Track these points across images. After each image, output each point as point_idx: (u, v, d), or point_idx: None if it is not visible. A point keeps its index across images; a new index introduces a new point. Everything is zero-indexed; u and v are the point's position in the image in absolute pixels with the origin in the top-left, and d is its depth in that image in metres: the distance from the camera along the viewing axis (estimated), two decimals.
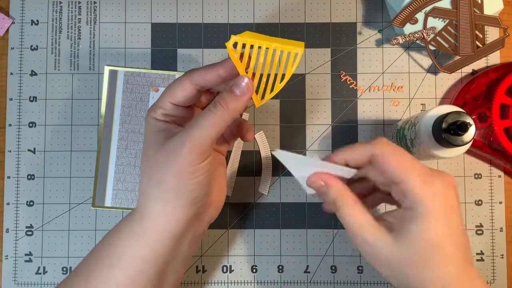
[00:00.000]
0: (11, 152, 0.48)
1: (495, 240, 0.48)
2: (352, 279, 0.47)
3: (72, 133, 0.48)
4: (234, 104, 0.34)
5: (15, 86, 0.48)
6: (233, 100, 0.34)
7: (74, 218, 0.48)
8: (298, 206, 0.48)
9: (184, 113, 0.37)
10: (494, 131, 0.44)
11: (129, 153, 0.48)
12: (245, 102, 0.35)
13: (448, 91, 0.49)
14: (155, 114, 0.36)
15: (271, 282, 0.48)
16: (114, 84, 0.48)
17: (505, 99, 0.45)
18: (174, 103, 0.36)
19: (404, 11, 0.45)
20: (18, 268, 0.48)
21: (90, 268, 0.35)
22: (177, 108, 0.36)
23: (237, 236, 0.48)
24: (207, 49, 0.49)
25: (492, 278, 0.47)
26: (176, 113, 0.36)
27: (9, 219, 0.48)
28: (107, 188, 0.48)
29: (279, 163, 0.36)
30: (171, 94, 0.36)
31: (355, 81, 0.49)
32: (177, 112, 0.36)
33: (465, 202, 0.48)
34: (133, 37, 0.49)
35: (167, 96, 0.36)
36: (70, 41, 0.49)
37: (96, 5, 0.49)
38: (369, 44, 0.49)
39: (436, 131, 0.38)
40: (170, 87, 0.36)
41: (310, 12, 0.49)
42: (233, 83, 0.34)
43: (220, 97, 0.34)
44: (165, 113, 0.36)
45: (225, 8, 0.49)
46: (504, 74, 0.45)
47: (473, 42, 0.46)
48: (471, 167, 0.48)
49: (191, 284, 0.48)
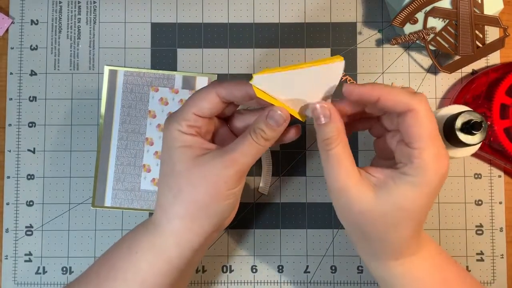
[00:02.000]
0: (11, 152, 0.48)
1: (495, 240, 0.48)
2: (352, 279, 0.47)
3: (72, 133, 0.48)
4: (272, 135, 0.34)
5: (15, 86, 0.48)
6: (271, 131, 0.34)
7: (74, 218, 0.48)
8: (298, 206, 0.48)
9: (206, 124, 0.36)
10: (494, 131, 0.44)
11: (129, 153, 0.48)
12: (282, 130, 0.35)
13: (448, 91, 0.49)
14: (180, 126, 0.35)
15: (271, 282, 0.48)
16: (114, 84, 0.48)
17: (505, 99, 0.45)
18: (199, 115, 0.35)
19: (404, 11, 0.45)
20: (18, 268, 0.48)
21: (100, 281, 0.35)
22: (200, 120, 0.35)
23: (237, 236, 0.48)
24: (207, 49, 0.49)
25: (492, 278, 0.47)
26: (199, 124, 0.35)
27: (9, 219, 0.48)
28: (107, 188, 0.48)
29: (279, 163, 0.36)
30: (197, 106, 0.35)
31: (355, 81, 0.49)
32: (200, 123, 0.35)
33: (465, 202, 0.48)
34: (133, 37, 0.49)
35: (191, 107, 0.35)
36: (70, 41, 0.49)
37: (96, 5, 0.49)
38: (369, 44, 0.49)
39: (447, 131, 0.38)
40: (195, 98, 0.35)
41: (310, 12, 0.49)
42: (268, 114, 0.34)
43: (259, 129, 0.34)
44: (189, 124, 0.35)
45: (225, 8, 0.49)
46: (504, 74, 0.45)
47: (473, 42, 0.46)
48: (471, 167, 0.48)
49: (191, 284, 0.48)
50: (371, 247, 0.35)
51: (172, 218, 0.35)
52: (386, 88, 0.32)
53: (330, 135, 0.33)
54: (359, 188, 0.32)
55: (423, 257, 0.36)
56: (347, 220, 0.35)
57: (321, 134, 0.33)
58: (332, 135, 0.33)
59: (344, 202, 0.33)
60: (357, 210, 0.33)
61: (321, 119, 0.33)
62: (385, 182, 0.33)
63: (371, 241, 0.35)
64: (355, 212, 0.33)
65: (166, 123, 0.36)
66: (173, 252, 0.35)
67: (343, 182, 0.32)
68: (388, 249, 0.35)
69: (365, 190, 0.32)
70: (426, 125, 0.32)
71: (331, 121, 0.33)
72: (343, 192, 0.33)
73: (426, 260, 0.36)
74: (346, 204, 0.33)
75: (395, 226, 0.33)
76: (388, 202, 0.32)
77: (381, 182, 0.33)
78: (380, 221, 0.33)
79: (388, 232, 0.33)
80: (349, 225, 0.35)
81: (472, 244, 0.48)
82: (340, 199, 0.33)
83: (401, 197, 0.32)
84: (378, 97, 0.32)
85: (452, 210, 0.48)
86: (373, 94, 0.32)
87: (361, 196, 0.32)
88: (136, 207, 0.48)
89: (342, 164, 0.33)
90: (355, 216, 0.33)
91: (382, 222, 0.33)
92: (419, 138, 0.31)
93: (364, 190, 0.32)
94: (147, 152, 0.48)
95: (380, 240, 0.34)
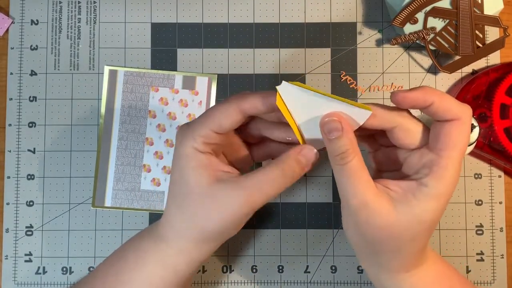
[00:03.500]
0: (11, 152, 0.48)
1: (495, 240, 0.48)
2: (352, 279, 0.47)
3: (72, 133, 0.48)
4: (300, 173, 0.33)
5: (15, 86, 0.48)
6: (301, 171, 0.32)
7: (74, 218, 0.48)
8: (298, 206, 0.48)
9: (223, 139, 0.34)
10: (494, 131, 0.44)
11: (129, 153, 0.48)
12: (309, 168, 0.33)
13: (448, 91, 0.49)
14: (195, 143, 0.32)
15: (271, 282, 0.48)
16: (114, 84, 0.48)
17: (505, 99, 0.45)
18: (218, 132, 0.33)
19: (404, 11, 0.45)
20: (18, 268, 0.48)
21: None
22: (218, 137, 0.33)
23: (237, 236, 0.48)
24: (207, 49, 0.49)
25: (492, 278, 0.47)
26: (217, 141, 0.33)
27: (9, 219, 0.48)
28: (107, 188, 0.48)
29: None
30: (216, 122, 0.32)
31: (355, 81, 0.49)
32: (217, 141, 0.33)
33: (465, 202, 0.48)
34: (133, 37, 0.49)
35: (210, 123, 0.32)
36: (70, 41, 0.49)
37: (96, 5, 0.49)
38: (369, 44, 0.49)
39: None
40: (213, 114, 0.33)
41: (310, 12, 0.49)
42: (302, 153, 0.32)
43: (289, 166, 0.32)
44: (206, 142, 0.33)
45: (225, 8, 0.49)
46: (504, 74, 0.45)
47: (473, 42, 0.46)
48: (471, 167, 0.48)
49: (191, 284, 0.48)
50: (382, 260, 0.34)
51: (184, 239, 0.34)
52: (439, 93, 0.31)
53: (344, 149, 0.31)
54: (379, 204, 0.31)
55: (429, 266, 0.35)
56: (364, 237, 0.33)
57: (333, 148, 0.31)
58: (347, 149, 0.31)
59: (363, 218, 0.31)
60: (377, 226, 0.31)
61: (332, 133, 0.31)
62: (404, 195, 0.31)
63: (383, 254, 0.33)
64: (374, 228, 0.31)
65: (179, 137, 0.34)
66: (183, 269, 0.35)
67: (362, 197, 0.31)
68: (401, 261, 0.34)
69: (385, 205, 0.31)
70: (465, 137, 0.31)
71: (343, 134, 0.31)
72: (363, 208, 0.31)
73: (432, 269, 0.35)
74: (365, 220, 0.31)
75: (413, 240, 0.32)
76: (408, 216, 0.31)
77: (399, 195, 0.31)
78: (399, 235, 0.32)
79: (405, 245, 0.32)
80: (363, 241, 0.33)
81: (472, 244, 0.48)
82: (359, 215, 0.31)
83: (422, 210, 0.31)
84: (432, 103, 0.31)
85: (452, 210, 0.48)
86: (428, 100, 0.31)
87: (382, 211, 0.31)
88: (136, 207, 0.48)
89: (360, 178, 0.31)
90: (373, 232, 0.32)
91: (401, 237, 0.32)
92: (454, 146, 0.31)
93: (383, 204, 0.31)
94: (147, 152, 0.48)
95: (394, 253, 0.33)
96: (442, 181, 0.31)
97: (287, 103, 0.32)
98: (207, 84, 0.48)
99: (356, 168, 0.31)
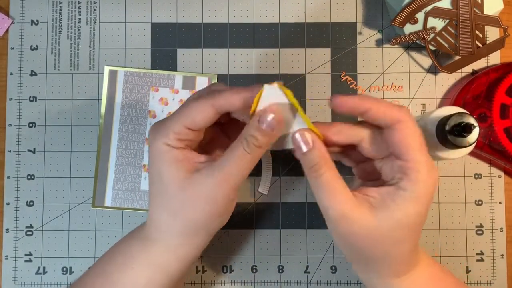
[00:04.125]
0: (11, 152, 0.48)
1: (495, 240, 0.48)
2: (352, 279, 0.47)
3: (72, 133, 0.48)
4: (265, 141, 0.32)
5: (15, 86, 0.48)
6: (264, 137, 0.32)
7: (74, 218, 0.48)
8: (298, 206, 0.48)
9: (197, 135, 0.34)
10: (494, 131, 0.44)
11: (129, 153, 0.48)
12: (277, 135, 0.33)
13: (448, 91, 0.49)
14: (168, 139, 0.33)
15: (271, 282, 0.48)
16: (114, 84, 0.48)
17: (505, 99, 0.45)
18: (191, 128, 0.33)
19: (404, 11, 0.45)
20: (18, 268, 0.48)
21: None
22: (192, 133, 0.33)
23: (237, 236, 0.48)
24: (207, 49, 0.49)
25: (492, 278, 0.47)
26: (190, 137, 0.33)
27: (9, 219, 0.48)
28: (107, 188, 0.48)
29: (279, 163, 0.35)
30: (189, 119, 0.33)
31: (355, 81, 0.49)
32: (191, 136, 0.33)
33: (465, 202, 0.48)
34: (133, 37, 0.49)
35: (182, 119, 0.33)
36: (70, 41, 0.49)
37: (96, 5, 0.49)
38: (369, 44, 0.49)
39: (440, 133, 0.38)
40: (186, 111, 0.33)
41: (310, 12, 0.49)
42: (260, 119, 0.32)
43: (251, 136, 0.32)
44: (179, 138, 0.33)
45: (225, 8, 0.49)
46: (504, 74, 0.45)
47: (473, 42, 0.46)
48: (471, 167, 0.48)
49: (191, 284, 0.48)
50: (371, 267, 0.35)
51: (169, 235, 0.34)
52: (376, 100, 0.32)
53: (315, 161, 0.31)
54: (358, 212, 0.31)
55: (422, 269, 0.35)
56: (348, 246, 0.33)
57: (306, 162, 0.32)
58: (318, 161, 0.31)
59: (343, 228, 0.31)
60: (358, 234, 0.31)
61: (302, 148, 0.32)
62: (383, 201, 0.32)
63: (371, 261, 0.34)
64: (357, 236, 0.32)
65: (151, 134, 0.34)
66: (173, 266, 0.35)
67: (339, 209, 0.31)
68: (390, 267, 0.34)
69: (364, 213, 0.31)
70: (417, 136, 0.32)
71: (313, 147, 0.32)
72: (341, 218, 0.31)
73: (425, 272, 0.35)
74: (346, 230, 0.32)
75: (398, 244, 0.32)
76: (389, 221, 0.31)
77: (378, 202, 0.32)
78: (382, 242, 0.32)
79: (391, 250, 0.33)
80: (349, 250, 0.34)
81: (472, 244, 0.48)
82: (338, 227, 0.32)
83: (402, 214, 0.31)
84: (369, 108, 0.32)
85: (452, 210, 0.48)
86: (364, 105, 0.32)
87: (362, 220, 0.31)
88: (136, 207, 0.48)
89: (335, 190, 0.31)
90: (356, 240, 0.32)
91: (385, 242, 0.32)
92: (411, 148, 0.31)
93: (363, 213, 0.31)
94: (147, 152, 0.48)
95: (382, 259, 0.33)
96: (418, 183, 0.31)
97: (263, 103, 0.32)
98: (207, 84, 0.48)
99: (329, 179, 0.31)
